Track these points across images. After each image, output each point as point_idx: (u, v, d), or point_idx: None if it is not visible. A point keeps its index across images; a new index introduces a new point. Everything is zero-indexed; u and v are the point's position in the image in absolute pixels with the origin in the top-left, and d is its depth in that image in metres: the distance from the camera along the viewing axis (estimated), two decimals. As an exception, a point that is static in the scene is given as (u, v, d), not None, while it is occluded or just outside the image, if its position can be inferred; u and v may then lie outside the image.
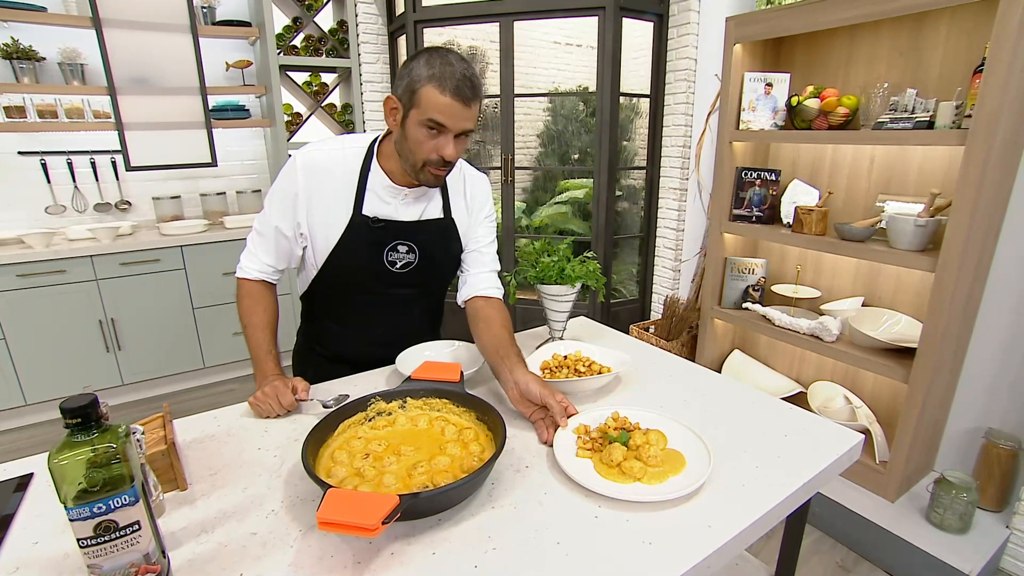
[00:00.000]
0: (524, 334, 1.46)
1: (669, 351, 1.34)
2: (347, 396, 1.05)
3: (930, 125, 1.65)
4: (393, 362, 1.19)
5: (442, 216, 1.22)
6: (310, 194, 1.13)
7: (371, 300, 1.22)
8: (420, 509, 0.71)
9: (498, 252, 1.31)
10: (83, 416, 0.55)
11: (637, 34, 2.82)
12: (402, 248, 1.17)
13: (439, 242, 1.22)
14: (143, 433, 0.77)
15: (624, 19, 2.66)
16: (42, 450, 0.86)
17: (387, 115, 1.07)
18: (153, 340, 2.89)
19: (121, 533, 0.58)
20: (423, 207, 1.20)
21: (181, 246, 2.85)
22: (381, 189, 1.15)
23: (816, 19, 1.86)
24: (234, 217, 3.16)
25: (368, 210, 1.14)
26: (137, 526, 0.59)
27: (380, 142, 1.17)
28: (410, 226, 1.18)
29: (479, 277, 1.25)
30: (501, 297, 1.25)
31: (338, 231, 1.14)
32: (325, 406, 1.03)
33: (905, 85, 1.84)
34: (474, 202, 1.27)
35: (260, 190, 3.43)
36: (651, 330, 2.86)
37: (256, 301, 1.19)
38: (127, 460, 0.58)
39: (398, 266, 1.18)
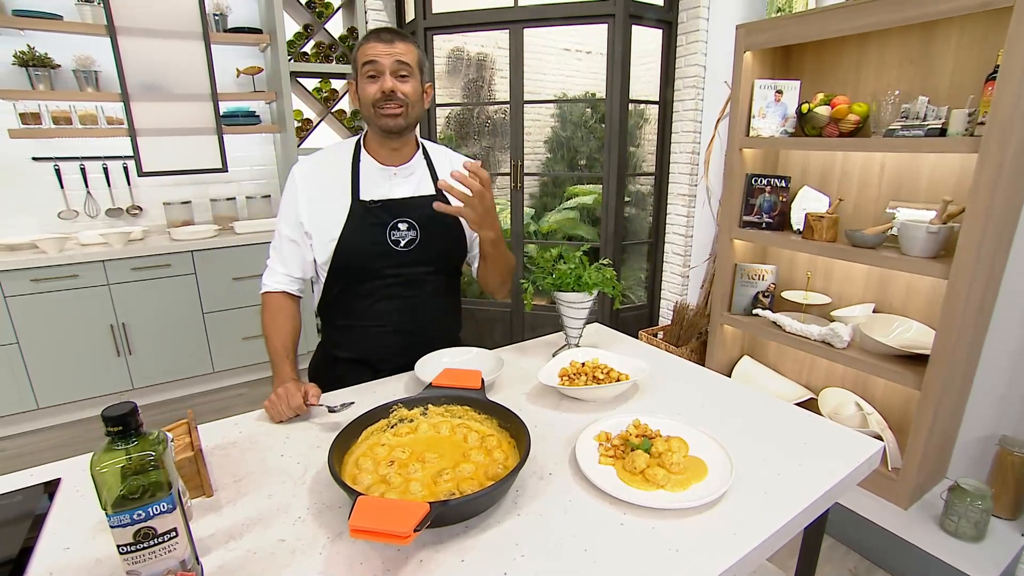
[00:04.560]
0: (537, 341, 1.47)
1: (679, 357, 1.35)
2: (352, 403, 1.05)
3: (942, 132, 1.66)
4: (413, 356, 1.22)
5: (435, 192, 1.29)
6: (310, 194, 1.23)
7: (384, 284, 1.26)
8: (448, 516, 0.72)
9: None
10: (124, 424, 0.56)
11: (646, 41, 2.84)
12: (402, 226, 1.24)
13: (436, 216, 1.25)
14: (172, 440, 0.77)
15: (633, 26, 2.67)
16: (55, 454, 0.87)
17: (351, 98, 1.23)
18: (163, 345, 2.91)
19: (159, 539, 0.58)
20: (415, 184, 1.28)
21: (192, 251, 2.87)
22: (373, 172, 1.25)
23: (826, 27, 1.87)
24: (244, 222, 3.17)
25: (364, 195, 1.23)
26: (174, 533, 0.59)
27: (366, 134, 1.28)
28: (406, 202, 1.25)
29: None
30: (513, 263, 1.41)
31: (341, 220, 1.22)
32: (331, 410, 1.04)
33: (916, 93, 1.84)
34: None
35: (270, 195, 3.46)
36: (660, 336, 2.86)
37: (275, 313, 1.26)
38: (164, 467, 0.59)
39: (402, 244, 1.24)
